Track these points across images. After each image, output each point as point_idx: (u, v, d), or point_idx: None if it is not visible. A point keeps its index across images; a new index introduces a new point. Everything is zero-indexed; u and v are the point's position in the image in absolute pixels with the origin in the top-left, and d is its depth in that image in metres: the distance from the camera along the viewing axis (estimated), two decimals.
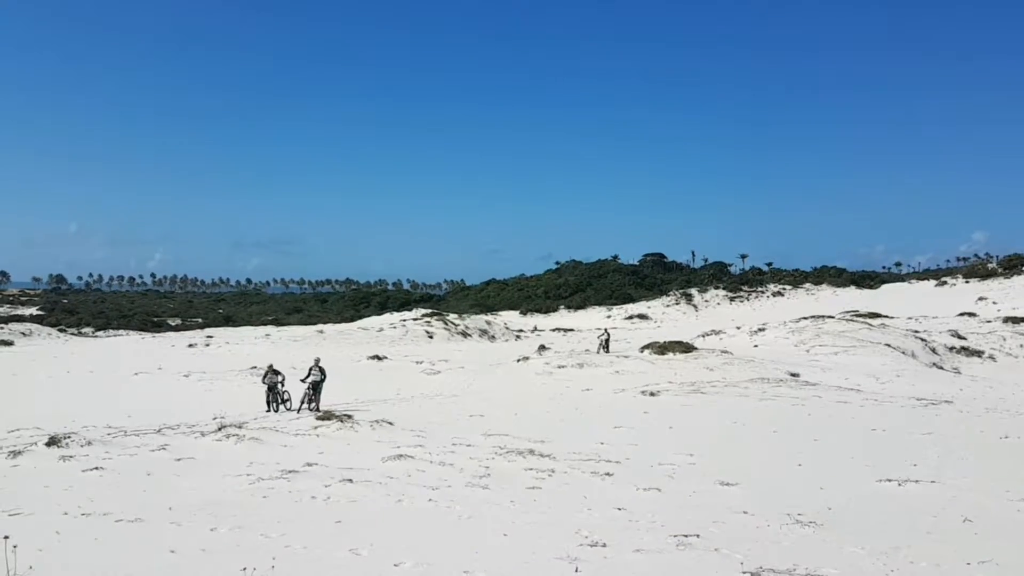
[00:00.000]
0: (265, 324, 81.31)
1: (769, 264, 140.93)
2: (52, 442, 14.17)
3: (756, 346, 46.96)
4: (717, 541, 8.38)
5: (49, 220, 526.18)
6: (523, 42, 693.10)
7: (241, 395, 29.53)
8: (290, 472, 11.82)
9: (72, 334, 71.32)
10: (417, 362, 45.25)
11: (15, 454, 13.30)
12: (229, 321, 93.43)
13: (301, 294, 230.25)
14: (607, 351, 37.75)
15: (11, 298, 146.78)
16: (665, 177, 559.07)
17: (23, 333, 61.94)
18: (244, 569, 6.24)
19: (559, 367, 37.99)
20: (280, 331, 65.65)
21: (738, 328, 55.62)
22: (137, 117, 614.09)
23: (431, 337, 65.10)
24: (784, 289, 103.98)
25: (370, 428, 16.70)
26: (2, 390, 31.40)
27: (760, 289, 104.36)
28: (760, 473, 12.77)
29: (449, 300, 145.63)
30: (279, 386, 24.56)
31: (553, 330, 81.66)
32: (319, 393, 24.10)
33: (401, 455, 13.56)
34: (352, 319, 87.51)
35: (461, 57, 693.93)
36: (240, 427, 16.29)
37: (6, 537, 7.12)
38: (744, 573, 7.21)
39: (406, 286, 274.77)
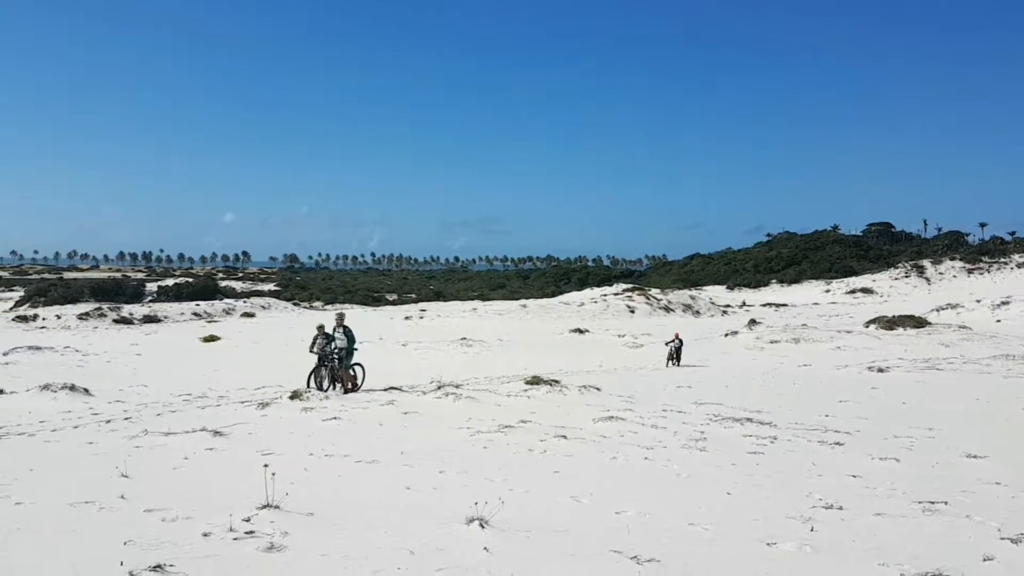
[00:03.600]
0: (471, 299, 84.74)
1: (1012, 233, 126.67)
2: (294, 396, 15.60)
3: (999, 321, 43.02)
4: (968, 509, 7.67)
5: (284, 204, 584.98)
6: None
7: (452, 364, 31.01)
8: (506, 427, 12.18)
9: (304, 307, 78.42)
10: (619, 335, 45.19)
11: (263, 405, 14.76)
12: (439, 296, 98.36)
13: (504, 271, 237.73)
14: (678, 363, 30.30)
15: (252, 276, 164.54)
16: (892, 138, 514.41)
17: (263, 307, 69.05)
18: (476, 503, 6.47)
19: (771, 342, 36.41)
20: (486, 305, 68.13)
21: (978, 302, 50.74)
22: (363, 110, 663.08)
23: (632, 312, 64.68)
24: None
25: (578, 392, 16.82)
26: (247, 354, 35.16)
27: (1003, 260, 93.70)
28: (1012, 447, 11.59)
29: (650, 275, 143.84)
30: (330, 357, 18.60)
31: (764, 305, 78.28)
32: (348, 365, 18.37)
33: (612, 417, 13.53)
34: (553, 295, 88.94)
35: (665, 26, 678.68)
36: (457, 387, 17.05)
37: (265, 466, 7.91)
38: (1003, 539, 6.50)
39: (606, 262, 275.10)
